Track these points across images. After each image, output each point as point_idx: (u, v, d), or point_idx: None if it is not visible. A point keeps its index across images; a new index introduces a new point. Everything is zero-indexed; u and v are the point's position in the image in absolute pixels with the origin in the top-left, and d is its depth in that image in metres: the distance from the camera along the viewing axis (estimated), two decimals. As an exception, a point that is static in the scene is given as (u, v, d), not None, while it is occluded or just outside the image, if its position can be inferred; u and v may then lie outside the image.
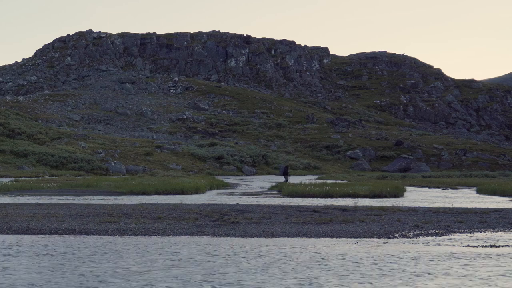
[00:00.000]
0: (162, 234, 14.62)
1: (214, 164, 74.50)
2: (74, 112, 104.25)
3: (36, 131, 75.92)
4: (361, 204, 23.97)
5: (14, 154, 64.15)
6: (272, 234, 14.78)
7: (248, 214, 19.08)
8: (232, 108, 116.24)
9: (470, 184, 45.75)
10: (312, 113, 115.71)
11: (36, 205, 21.85)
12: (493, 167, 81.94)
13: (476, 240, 14.37)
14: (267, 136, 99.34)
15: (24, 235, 14.34)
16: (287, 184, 37.47)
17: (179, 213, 18.87)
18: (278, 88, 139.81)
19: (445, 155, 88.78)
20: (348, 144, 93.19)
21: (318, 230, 15.50)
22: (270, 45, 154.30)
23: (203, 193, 32.87)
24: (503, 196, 32.56)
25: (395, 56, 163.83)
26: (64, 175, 54.48)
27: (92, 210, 19.64)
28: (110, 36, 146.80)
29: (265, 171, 75.97)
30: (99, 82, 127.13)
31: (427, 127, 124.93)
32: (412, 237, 14.78)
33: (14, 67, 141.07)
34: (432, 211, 21.07)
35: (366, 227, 16.28)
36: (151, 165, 67.73)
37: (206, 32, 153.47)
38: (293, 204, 23.82)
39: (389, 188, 32.12)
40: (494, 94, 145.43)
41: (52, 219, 16.98)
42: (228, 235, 14.59)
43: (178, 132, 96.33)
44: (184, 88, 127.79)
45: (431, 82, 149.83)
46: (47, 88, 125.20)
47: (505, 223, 17.92)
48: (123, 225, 16.01)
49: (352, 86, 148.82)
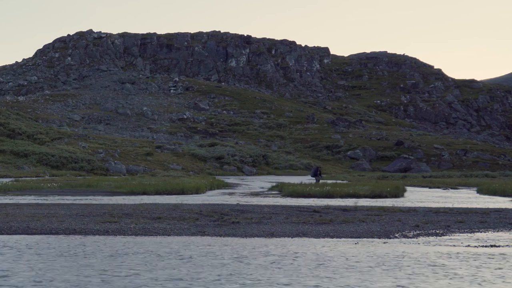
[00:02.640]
0: (162, 234, 14.61)
1: (215, 164, 74.52)
2: (75, 112, 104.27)
3: (37, 131, 75.93)
4: (361, 204, 23.97)
5: (15, 154, 64.18)
6: (272, 234, 14.78)
7: (248, 214, 19.08)
8: (233, 108, 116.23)
9: (471, 184, 45.75)
10: (313, 113, 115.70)
11: (36, 205, 21.84)
12: (494, 167, 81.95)
13: (477, 240, 14.37)
14: (268, 136, 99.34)
15: (24, 235, 14.34)
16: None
17: (179, 213, 18.87)
18: (278, 88, 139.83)
19: (446, 155, 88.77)
20: (349, 144, 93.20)
21: (319, 230, 15.50)
22: (271, 45, 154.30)
23: (204, 193, 32.87)
24: (503, 196, 32.56)
25: (395, 56, 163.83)
26: (64, 175, 54.50)
27: (92, 210, 19.64)
28: (110, 36, 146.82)
29: (266, 171, 76.00)
30: (99, 82, 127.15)
31: (427, 127, 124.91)
32: (413, 237, 14.77)
33: (14, 67, 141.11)
34: (433, 211, 21.07)
35: (367, 227, 16.28)
36: (151, 165, 67.75)
37: (206, 32, 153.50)
38: (293, 204, 23.81)
39: (390, 188, 32.14)
40: (495, 94, 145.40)
41: (53, 219, 16.98)
42: (229, 235, 14.59)
43: (178, 132, 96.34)
44: (184, 88, 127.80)
45: (432, 82, 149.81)
46: (48, 88, 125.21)
47: (505, 223, 17.92)
48: (124, 225, 16.01)
49: (353, 86, 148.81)
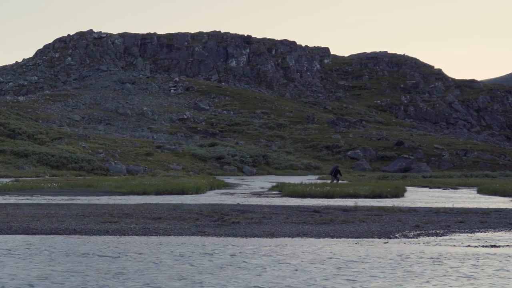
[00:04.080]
0: (162, 234, 14.60)
1: (215, 164, 74.52)
2: (75, 112, 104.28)
3: (37, 131, 75.93)
4: (361, 204, 23.94)
5: (15, 154, 64.18)
6: (272, 234, 14.76)
7: (248, 214, 19.06)
8: (233, 108, 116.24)
9: (471, 184, 45.69)
10: (313, 113, 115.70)
11: (37, 205, 21.83)
12: (494, 167, 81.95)
13: (477, 240, 14.36)
14: (268, 136, 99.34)
15: (24, 235, 14.33)
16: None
17: (179, 213, 18.86)
18: (278, 88, 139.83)
19: (446, 155, 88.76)
20: (349, 144, 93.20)
21: (319, 230, 15.49)
22: (271, 45, 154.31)
23: (204, 193, 32.84)
24: (503, 196, 32.52)
25: (395, 56, 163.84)
26: (64, 175, 54.51)
27: (92, 210, 19.62)
28: (110, 36, 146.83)
29: (266, 171, 75.99)
30: (99, 82, 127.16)
31: (427, 127, 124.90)
32: (413, 237, 14.76)
33: (14, 67, 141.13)
34: (433, 211, 21.05)
35: (367, 227, 16.27)
36: (151, 165, 67.74)
37: (206, 32, 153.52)
38: (293, 204, 23.79)
39: (390, 188, 32.08)
40: (495, 94, 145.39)
41: (53, 219, 16.97)
42: (229, 235, 14.57)
43: (178, 132, 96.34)
44: (184, 88, 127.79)
45: (432, 82, 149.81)
46: (48, 88, 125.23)
47: (505, 223, 17.90)
48: (124, 225, 16.00)
49: (353, 86, 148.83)
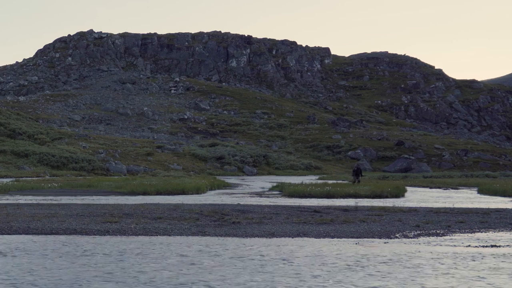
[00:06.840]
0: (163, 234, 14.60)
1: (215, 164, 74.52)
2: (75, 112, 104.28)
3: (37, 131, 75.94)
4: (362, 204, 23.95)
5: (15, 154, 64.20)
6: (273, 234, 14.76)
7: (249, 214, 19.06)
8: (233, 108, 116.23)
9: (471, 185, 45.66)
10: (313, 114, 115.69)
11: (37, 205, 21.84)
12: (494, 168, 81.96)
13: (477, 240, 14.36)
14: (268, 137, 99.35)
15: (25, 235, 14.33)
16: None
17: (180, 213, 18.86)
18: (279, 89, 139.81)
19: (446, 155, 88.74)
20: (349, 144, 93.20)
21: (319, 230, 15.48)
22: (271, 46, 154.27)
23: (204, 193, 32.86)
24: (504, 197, 32.50)
25: (396, 57, 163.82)
26: (65, 175, 54.54)
27: (93, 210, 19.63)
28: (111, 36, 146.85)
29: (266, 171, 75.99)
30: (100, 82, 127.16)
31: (428, 128, 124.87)
32: (413, 237, 14.75)
33: (15, 67, 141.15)
34: (433, 211, 21.05)
35: (367, 227, 16.27)
36: (152, 165, 67.75)
37: (207, 33, 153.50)
38: (294, 204, 23.79)
39: (390, 188, 32.09)
40: (495, 95, 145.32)
41: (53, 219, 16.98)
42: (229, 235, 14.57)
43: (179, 132, 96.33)
44: (185, 88, 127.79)
45: (432, 82, 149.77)
46: (48, 88, 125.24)
47: (506, 223, 17.90)
48: (124, 225, 16.00)
49: (353, 86, 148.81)
